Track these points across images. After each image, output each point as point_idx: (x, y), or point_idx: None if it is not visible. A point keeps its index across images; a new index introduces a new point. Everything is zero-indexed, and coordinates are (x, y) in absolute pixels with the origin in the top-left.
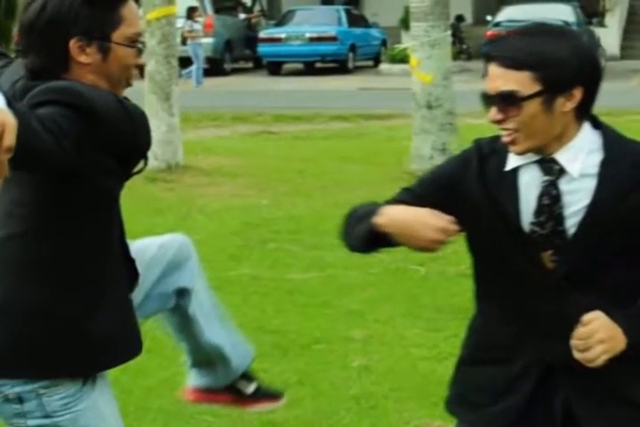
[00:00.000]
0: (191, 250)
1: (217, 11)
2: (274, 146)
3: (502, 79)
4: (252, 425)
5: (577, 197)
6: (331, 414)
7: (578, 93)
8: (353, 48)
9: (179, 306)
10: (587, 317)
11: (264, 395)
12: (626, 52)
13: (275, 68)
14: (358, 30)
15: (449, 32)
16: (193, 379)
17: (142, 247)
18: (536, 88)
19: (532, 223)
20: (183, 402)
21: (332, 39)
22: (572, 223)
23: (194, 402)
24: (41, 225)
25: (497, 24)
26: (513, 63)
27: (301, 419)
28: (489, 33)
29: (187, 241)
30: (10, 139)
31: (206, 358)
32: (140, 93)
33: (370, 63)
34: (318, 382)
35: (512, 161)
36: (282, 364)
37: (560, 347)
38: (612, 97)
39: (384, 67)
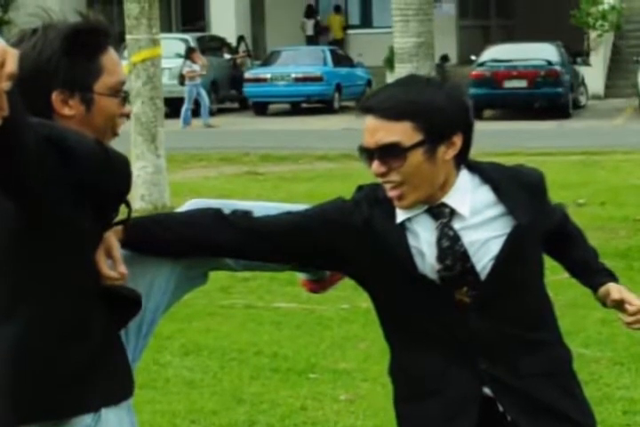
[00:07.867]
0: None
1: (202, 51)
2: (259, 187)
3: (383, 131)
4: None
5: (481, 233)
6: None
7: (458, 141)
8: (338, 88)
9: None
10: (619, 295)
11: None
12: (610, 90)
13: (261, 109)
14: (343, 70)
15: (432, 74)
16: (303, 275)
17: None
18: (418, 138)
19: (439, 270)
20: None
21: (318, 79)
22: (482, 256)
23: (313, 292)
24: (9, 262)
25: (481, 64)
26: (393, 114)
27: None
28: (473, 73)
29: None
30: (12, 65)
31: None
32: (126, 135)
33: (355, 103)
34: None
35: (401, 214)
36: (281, 390)
37: (487, 368)
38: (596, 136)
39: None
